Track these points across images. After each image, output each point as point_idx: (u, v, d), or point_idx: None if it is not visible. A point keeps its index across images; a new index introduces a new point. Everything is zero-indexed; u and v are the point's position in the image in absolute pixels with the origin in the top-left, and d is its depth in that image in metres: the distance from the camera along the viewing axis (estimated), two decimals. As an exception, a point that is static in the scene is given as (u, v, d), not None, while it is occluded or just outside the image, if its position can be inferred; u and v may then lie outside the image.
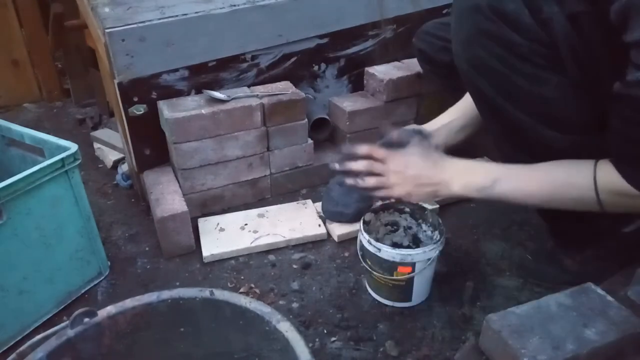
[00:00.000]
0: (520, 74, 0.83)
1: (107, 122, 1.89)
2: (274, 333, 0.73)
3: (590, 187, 0.82)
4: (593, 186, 0.82)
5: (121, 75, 1.23)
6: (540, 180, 0.88)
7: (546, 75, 0.82)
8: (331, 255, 1.23)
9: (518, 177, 0.90)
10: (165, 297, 0.78)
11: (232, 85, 1.38)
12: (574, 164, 0.85)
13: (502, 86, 0.86)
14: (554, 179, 0.87)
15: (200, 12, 1.27)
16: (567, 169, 0.86)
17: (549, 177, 0.87)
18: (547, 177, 0.88)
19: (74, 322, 0.73)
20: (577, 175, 0.84)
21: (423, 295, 1.08)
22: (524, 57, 0.81)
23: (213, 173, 1.33)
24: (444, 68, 1.24)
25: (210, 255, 1.21)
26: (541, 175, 0.88)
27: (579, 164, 0.85)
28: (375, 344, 1.00)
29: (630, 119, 0.74)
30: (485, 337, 0.81)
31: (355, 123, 1.45)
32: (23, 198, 0.97)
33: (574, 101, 0.83)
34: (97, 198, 1.50)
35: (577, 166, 0.85)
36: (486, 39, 0.83)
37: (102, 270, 1.18)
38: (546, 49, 0.80)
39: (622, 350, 0.76)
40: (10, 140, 1.19)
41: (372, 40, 1.52)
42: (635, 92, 0.71)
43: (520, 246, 1.22)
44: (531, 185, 0.89)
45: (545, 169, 0.88)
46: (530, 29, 0.79)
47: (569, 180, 0.85)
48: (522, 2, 0.78)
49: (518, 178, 0.90)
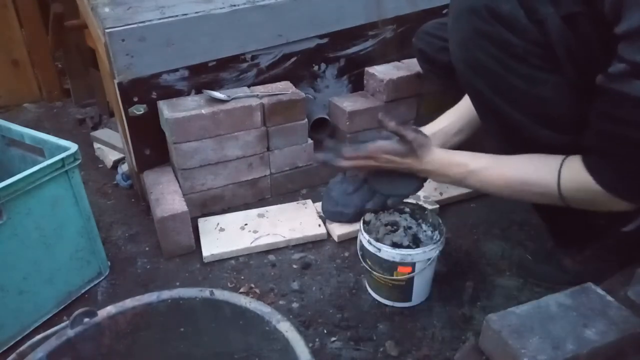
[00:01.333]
0: (517, 74, 0.83)
1: (107, 122, 1.89)
2: (274, 333, 0.73)
3: (553, 183, 0.84)
4: (556, 182, 0.84)
5: (121, 75, 1.23)
6: (509, 175, 0.91)
7: (542, 75, 0.82)
8: (331, 255, 1.23)
9: (486, 173, 0.93)
10: (165, 297, 0.78)
11: (232, 85, 1.38)
12: (543, 159, 0.88)
13: (498, 86, 0.86)
14: (521, 174, 0.89)
15: (200, 12, 1.27)
16: (534, 164, 0.88)
17: (517, 172, 0.90)
18: (515, 172, 0.90)
19: (74, 322, 0.73)
20: (542, 170, 0.86)
21: (423, 295, 1.08)
22: (520, 57, 0.82)
23: (213, 173, 1.33)
24: (443, 68, 1.23)
25: (210, 255, 1.21)
26: (510, 171, 0.91)
27: (547, 159, 0.87)
28: (375, 344, 1.00)
29: (607, 113, 0.75)
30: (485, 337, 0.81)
31: (355, 123, 1.45)
32: (23, 198, 0.97)
33: (570, 101, 0.84)
34: (97, 198, 1.50)
35: (545, 161, 0.87)
36: (483, 40, 0.83)
37: (102, 270, 1.18)
38: (542, 50, 0.80)
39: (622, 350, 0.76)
40: (10, 140, 1.19)
41: (372, 40, 1.52)
42: (616, 85, 0.71)
43: (520, 246, 1.22)
44: (499, 180, 0.92)
45: (515, 164, 0.91)
46: (526, 29, 0.79)
47: (535, 176, 0.87)
48: (518, 3, 0.79)
49: (486, 174, 0.93)
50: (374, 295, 1.10)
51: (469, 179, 0.96)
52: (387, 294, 1.07)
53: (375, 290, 1.09)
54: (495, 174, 0.93)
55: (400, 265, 1.00)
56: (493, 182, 0.93)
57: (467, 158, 0.97)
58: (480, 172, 0.94)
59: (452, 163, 0.98)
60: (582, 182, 0.81)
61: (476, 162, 0.95)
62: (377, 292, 1.09)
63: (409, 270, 1.01)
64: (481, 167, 0.94)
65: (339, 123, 1.49)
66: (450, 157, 0.99)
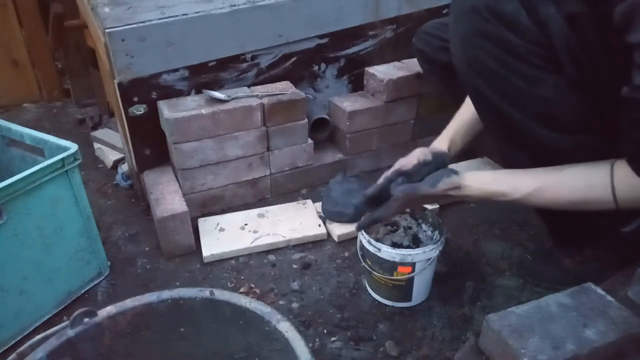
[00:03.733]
0: (518, 74, 0.83)
1: (107, 122, 1.89)
2: (274, 333, 0.73)
3: (609, 197, 0.82)
4: (612, 195, 0.81)
5: (121, 75, 1.23)
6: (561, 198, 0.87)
7: (543, 75, 0.82)
8: (331, 255, 1.23)
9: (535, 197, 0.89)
10: (165, 297, 0.78)
11: (232, 85, 1.38)
12: (589, 172, 0.85)
13: (499, 86, 0.86)
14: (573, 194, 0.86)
15: (200, 12, 1.27)
16: (584, 180, 0.85)
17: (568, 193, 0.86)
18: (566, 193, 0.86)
19: (74, 322, 0.73)
20: (594, 187, 0.83)
21: (423, 295, 1.08)
22: (521, 57, 0.81)
23: (213, 173, 1.33)
24: (443, 68, 1.24)
25: (210, 255, 1.21)
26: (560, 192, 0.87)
27: (596, 166, 0.84)
28: (375, 344, 1.00)
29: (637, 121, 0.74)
30: (485, 337, 0.81)
31: (355, 123, 1.45)
32: (23, 198, 0.97)
33: (571, 101, 0.84)
34: (97, 198, 1.50)
35: (593, 175, 0.84)
36: (483, 40, 0.83)
37: (102, 271, 1.18)
38: (543, 50, 0.80)
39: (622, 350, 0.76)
40: (10, 140, 1.19)
41: (372, 40, 1.52)
42: None
43: (520, 246, 1.22)
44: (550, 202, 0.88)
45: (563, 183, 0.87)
46: (527, 29, 0.79)
47: (588, 185, 0.84)
48: (519, 3, 0.79)
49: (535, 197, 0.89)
50: (374, 295, 1.10)
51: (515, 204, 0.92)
52: (387, 294, 1.07)
53: (375, 290, 1.09)
54: (545, 197, 0.88)
55: (400, 265, 1.00)
56: (544, 204, 0.90)
57: (507, 187, 0.91)
58: (525, 198, 0.89)
59: (493, 194, 0.93)
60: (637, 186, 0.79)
61: (518, 191, 0.90)
62: (377, 292, 1.09)
63: (409, 270, 1.01)
64: (526, 194, 0.89)
65: (339, 123, 1.49)
66: (488, 188, 0.94)
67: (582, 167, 0.86)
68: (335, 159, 1.50)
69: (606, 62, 0.78)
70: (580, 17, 0.76)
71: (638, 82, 0.70)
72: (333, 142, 1.55)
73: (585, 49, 0.78)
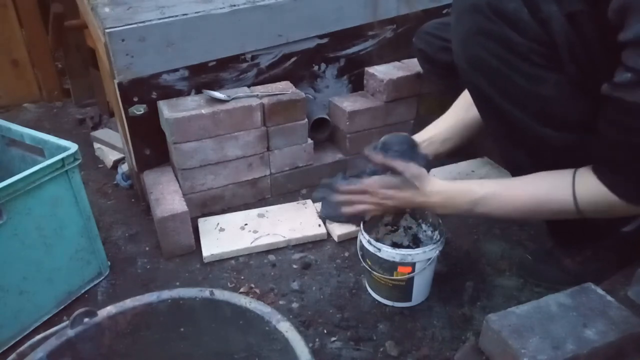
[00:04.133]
0: (519, 72, 0.83)
1: (107, 122, 1.89)
2: (274, 333, 0.73)
3: (569, 199, 0.84)
4: (572, 198, 0.84)
5: (121, 75, 1.23)
6: (520, 198, 0.90)
7: (544, 74, 0.82)
8: (331, 255, 1.23)
9: (498, 198, 0.92)
10: (165, 297, 0.78)
11: (232, 85, 1.38)
12: (552, 176, 0.87)
13: (500, 85, 0.86)
14: (533, 195, 0.89)
15: (200, 12, 1.27)
16: (545, 183, 0.87)
17: (529, 194, 0.89)
18: (526, 194, 0.89)
19: (74, 322, 0.73)
20: (555, 188, 0.86)
21: (423, 295, 1.08)
22: (522, 56, 0.81)
23: (213, 173, 1.33)
24: (444, 68, 1.24)
25: (210, 255, 1.21)
26: (521, 193, 0.90)
27: (557, 175, 0.86)
28: (375, 344, 1.00)
29: (615, 122, 0.74)
30: (485, 337, 0.81)
31: (355, 123, 1.45)
32: (23, 198, 0.97)
33: (572, 100, 0.84)
34: (97, 198, 1.50)
35: (556, 179, 0.86)
36: (485, 38, 0.83)
37: (102, 271, 1.18)
38: (545, 48, 0.80)
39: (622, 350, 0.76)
40: (10, 140, 1.19)
41: (372, 40, 1.52)
42: (622, 94, 0.71)
43: (520, 246, 1.22)
44: (511, 205, 0.91)
45: (525, 186, 0.90)
46: (529, 28, 0.79)
47: (549, 195, 0.87)
48: (522, 1, 0.79)
49: (498, 199, 0.92)
50: (374, 295, 1.10)
51: (478, 207, 0.93)
52: (387, 294, 1.07)
53: (375, 290, 1.09)
54: (507, 197, 0.91)
55: (400, 265, 1.00)
56: (506, 206, 0.91)
57: (473, 185, 0.96)
58: (490, 198, 0.92)
59: (458, 192, 0.96)
60: (599, 195, 0.81)
61: (484, 189, 0.93)
62: (377, 292, 1.09)
63: (409, 270, 1.01)
64: (490, 193, 0.92)
65: (339, 123, 1.49)
66: (454, 187, 0.97)
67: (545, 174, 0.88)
68: (335, 159, 1.50)
69: (606, 60, 0.78)
70: (581, 15, 0.76)
71: (618, 80, 0.70)
72: (333, 142, 1.55)
73: (585, 47, 0.78)
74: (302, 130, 1.40)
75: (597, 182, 0.81)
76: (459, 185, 0.98)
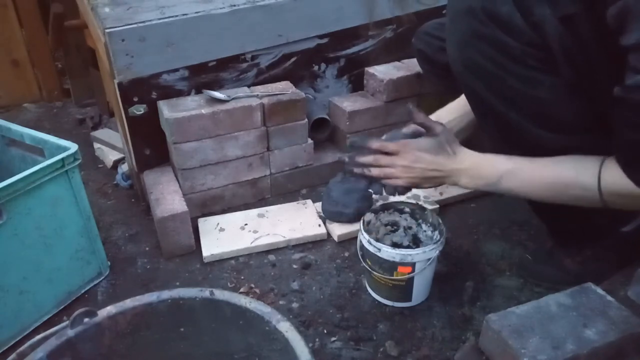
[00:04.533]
0: (514, 75, 0.83)
1: (107, 122, 1.89)
2: (274, 333, 0.73)
3: (594, 187, 0.82)
4: (597, 185, 0.82)
5: (121, 75, 1.23)
6: (546, 177, 0.88)
7: (539, 76, 0.82)
8: (331, 255, 1.23)
9: (524, 174, 0.89)
10: (165, 297, 0.78)
11: (232, 85, 1.38)
12: (580, 161, 0.85)
13: (495, 88, 0.86)
14: (558, 176, 0.86)
15: (200, 12, 1.27)
16: (572, 166, 0.85)
17: (555, 174, 0.87)
18: (552, 174, 0.87)
19: (74, 322, 0.73)
20: (582, 173, 0.84)
21: (423, 295, 1.08)
22: (517, 59, 0.81)
23: (213, 173, 1.33)
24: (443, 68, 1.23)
25: (210, 255, 1.21)
26: (547, 172, 0.87)
27: (585, 161, 0.84)
28: (375, 344, 1.00)
29: (631, 123, 0.74)
30: (485, 337, 0.81)
31: (355, 123, 1.45)
32: (23, 198, 0.97)
33: (568, 102, 0.84)
34: (97, 198, 1.50)
35: (583, 164, 0.84)
36: (479, 42, 0.83)
37: (102, 271, 1.18)
38: (539, 51, 0.80)
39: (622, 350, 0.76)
40: (10, 140, 1.19)
41: (372, 40, 1.52)
42: (635, 96, 0.71)
43: (520, 246, 1.22)
44: (536, 182, 0.89)
45: (552, 165, 0.87)
46: (523, 31, 0.79)
47: (574, 179, 0.84)
48: (514, 5, 0.78)
49: (524, 175, 0.89)
50: (374, 295, 1.10)
51: (504, 180, 0.91)
52: (387, 294, 1.07)
53: (375, 290, 1.09)
54: (535, 174, 0.89)
55: (400, 265, 1.00)
56: (531, 182, 0.89)
57: (502, 157, 0.93)
58: (518, 171, 0.90)
59: (487, 161, 0.94)
60: (623, 187, 0.79)
61: (512, 162, 0.91)
62: (377, 292, 1.09)
63: (409, 270, 1.01)
64: (519, 167, 0.90)
65: (339, 123, 1.49)
66: (484, 156, 0.95)
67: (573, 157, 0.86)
68: (335, 159, 1.50)
69: (603, 62, 0.78)
70: (576, 18, 0.76)
71: (630, 83, 0.70)
72: (333, 142, 1.55)
73: (581, 49, 0.78)
74: (302, 130, 1.40)
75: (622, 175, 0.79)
76: (488, 155, 0.95)
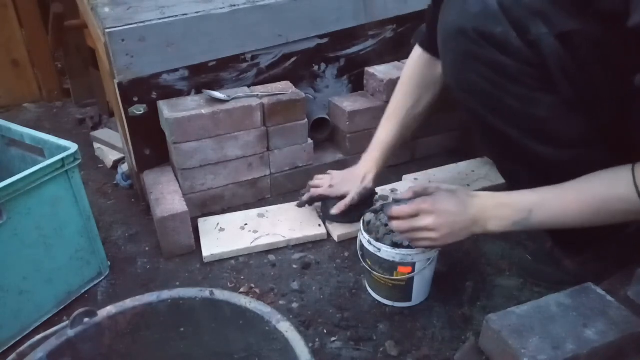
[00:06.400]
0: (511, 95, 0.82)
1: (107, 122, 1.89)
2: (274, 333, 0.73)
3: (634, 195, 0.76)
4: (636, 193, 0.76)
5: (121, 75, 1.23)
6: (579, 199, 0.82)
7: (538, 95, 0.81)
8: (331, 255, 1.23)
9: (554, 202, 0.84)
10: (165, 297, 0.78)
11: (232, 85, 1.38)
12: (608, 174, 0.80)
13: (494, 107, 0.85)
14: (592, 195, 0.81)
15: (200, 12, 1.27)
16: (602, 182, 0.80)
17: (587, 194, 0.81)
18: (584, 195, 0.81)
19: (74, 322, 0.73)
20: (615, 185, 0.78)
21: (423, 295, 1.08)
22: (513, 78, 0.81)
23: (213, 173, 1.33)
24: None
25: (210, 255, 1.21)
26: (578, 194, 0.82)
27: (613, 173, 0.79)
28: (375, 344, 1.00)
29: None
30: (485, 337, 0.81)
31: (355, 123, 1.45)
32: (23, 198, 0.97)
33: (568, 118, 0.83)
34: (97, 198, 1.50)
35: (613, 176, 0.79)
36: (474, 62, 0.82)
37: (102, 271, 1.18)
38: (536, 70, 0.79)
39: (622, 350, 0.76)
40: (10, 140, 1.19)
41: (372, 40, 1.52)
42: None
43: (520, 246, 1.22)
44: (570, 207, 0.83)
45: (580, 186, 0.82)
46: (519, 50, 0.78)
47: (609, 193, 0.79)
48: (510, 25, 0.77)
49: (554, 203, 0.84)
50: (374, 295, 1.10)
51: (535, 213, 0.84)
52: (387, 294, 1.07)
53: (375, 290, 1.09)
54: (566, 199, 0.82)
55: (400, 265, 1.00)
56: (565, 208, 0.83)
57: (526, 192, 0.86)
58: (547, 201, 0.84)
59: (510, 199, 0.88)
60: None
61: (537, 193, 0.85)
62: (377, 292, 1.09)
63: (409, 270, 1.01)
64: (546, 197, 0.84)
65: (339, 123, 1.49)
66: (506, 195, 0.89)
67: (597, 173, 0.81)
68: (335, 159, 1.50)
69: (605, 76, 0.77)
70: (573, 34, 0.75)
71: None
72: (333, 142, 1.55)
73: (579, 66, 0.77)
74: (302, 130, 1.40)
75: None
76: (510, 193, 0.88)
